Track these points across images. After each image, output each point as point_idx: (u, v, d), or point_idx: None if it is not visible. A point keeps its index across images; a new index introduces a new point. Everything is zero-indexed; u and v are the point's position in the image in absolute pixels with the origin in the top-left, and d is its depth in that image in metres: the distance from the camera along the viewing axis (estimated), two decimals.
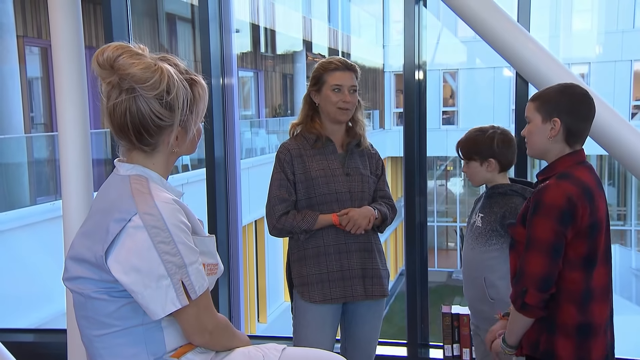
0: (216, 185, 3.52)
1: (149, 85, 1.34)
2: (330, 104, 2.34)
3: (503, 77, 16.15)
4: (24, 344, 3.79)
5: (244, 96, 14.59)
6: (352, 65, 2.39)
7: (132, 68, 1.34)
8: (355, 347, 2.45)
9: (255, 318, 10.45)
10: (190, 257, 1.35)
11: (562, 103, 1.84)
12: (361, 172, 2.40)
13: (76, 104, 2.79)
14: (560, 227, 1.74)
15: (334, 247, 2.33)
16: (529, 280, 1.77)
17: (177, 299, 1.33)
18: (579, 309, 1.80)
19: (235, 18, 3.66)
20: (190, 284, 1.35)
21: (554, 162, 1.87)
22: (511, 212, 2.27)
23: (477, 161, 2.37)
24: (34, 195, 7.51)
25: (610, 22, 16.32)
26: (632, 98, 16.25)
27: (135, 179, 1.40)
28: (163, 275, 1.32)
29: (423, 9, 3.25)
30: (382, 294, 2.40)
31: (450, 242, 19.40)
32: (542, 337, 1.83)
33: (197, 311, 1.38)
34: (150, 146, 1.42)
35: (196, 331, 1.40)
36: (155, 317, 1.34)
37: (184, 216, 1.38)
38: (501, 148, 2.34)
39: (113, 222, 1.33)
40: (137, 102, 1.35)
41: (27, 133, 8.34)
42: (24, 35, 8.40)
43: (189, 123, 1.43)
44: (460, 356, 3.09)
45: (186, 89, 1.40)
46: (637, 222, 17.11)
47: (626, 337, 10.69)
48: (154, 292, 1.32)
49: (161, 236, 1.31)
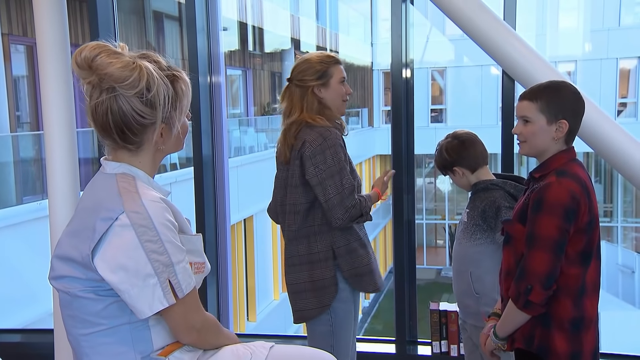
0: (204, 184, 3.51)
1: (128, 84, 1.34)
2: (339, 96, 2.34)
3: (491, 75, 16.25)
4: (11, 344, 3.76)
5: (233, 94, 14.55)
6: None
7: (109, 67, 1.33)
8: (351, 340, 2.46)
9: (245, 316, 10.43)
10: (178, 256, 1.35)
11: (567, 104, 1.85)
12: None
13: (62, 102, 2.77)
14: (564, 224, 1.75)
15: (365, 239, 2.38)
16: (533, 278, 1.77)
17: (164, 297, 1.33)
18: (574, 304, 1.82)
19: (222, 16, 3.65)
20: (177, 282, 1.34)
21: (549, 159, 1.88)
22: (490, 206, 2.30)
23: (449, 173, 2.44)
24: (20, 195, 7.45)
25: (596, 20, 16.46)
26: (618, 96, 16.41)
27: (122, 177, 1.39)
28: (150, 274, 1.31)
29: (410, 7, 3.25)
30: None
31: (439, 239, 19.49)
32: (536, 331, 1.84)
33: (185, 310, 1.38)
34: (135, 144, 1.41)
35: (183, 330, 1.40)
36: (142, 316, 1.34)
37: (170, 215, 1.38)
38: (453, 155, 2.39)
39: (100, 220, 1.32)
40: (118, 102, 1.35)
41: (13, 132, 8.27)
42: (9, 33, 8.31)
43: (172, 119, 1.42)
44: (448, 352, 3.11)
45: (167, 85, 1.39)
46: (623, 218, 17.28)
47: (613, 332, 10.82)
48: (141, 290, 1.31)
49: (148, 235, 1.31)
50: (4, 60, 8.04)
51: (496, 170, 2.60)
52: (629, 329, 10.70)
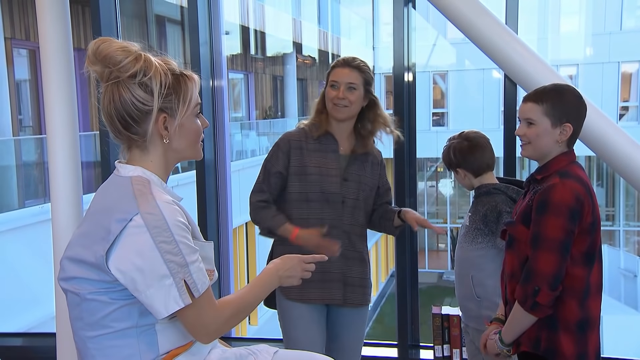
0: (206, 188, 3.51)
1: (124, 66, 1.37)
2: (328, 100, 2.33)
3: (492, 78, 16.23)
4: (13, 348, 3.76)
5: (234, 98, 14.57)
6: (354, 61, 2.32)
7: (109, 49, 1.38)
8: (339, 354, 2.41)
9: (247, 320, 10.43)
10: (192, 256, 1.36)
11: (571, 107, 1.86)
12: (360, 179, 2.36)
13: (65, 106, 2.78)
14: (570, 225, 1.76)
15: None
16: (541, 279, 1.77)
17: (180, 297, 1.34)
18: (580, 305, 1.82)
19: (225, 20, 3.66)
20: (193, 282, 1.35)
21: (551, 162, 1.88)
22: (492, 210, 2.30)
23: (454, 171, 2.42)
24: (23, 198, 7.47)
25: (598, 24, 16.45)
26: (620, 99, 16.39)
27: (137, 180, 1.40)
28: (165, 274, 1.32)
29: (412, 11, 3.26)
30: (362, 302, 2.38)
31: (440, 243, 19.46)
32: (542, 333, 1.84)
33: (200, 310, 1.39)
34: (139, 135, 1.41)
35: (200, 329, 1.41)
36: (159, 316, 1.34)
37: (184, 217, 1.39)
38: (459, 157, 2.37)
39: (114, 221, 1.33)
40: (120, 89, 1.38)
41: (16, 136, 8.29)
42: (11, 37, 8.34)
43: (174, 110, 1.43)
44: (450, 357, 3.10)
45: (166, 74, 1.41)
46: (625, 222, 17.26)
47: (615, 337, 10.78)
48: (157, 291, 1.32)
49: (163, 236, 1.32)
50: (7, 64, 8.06)
51: (498, 174, 2.60)
52: (631, 333, 10.67)
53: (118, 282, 1.34)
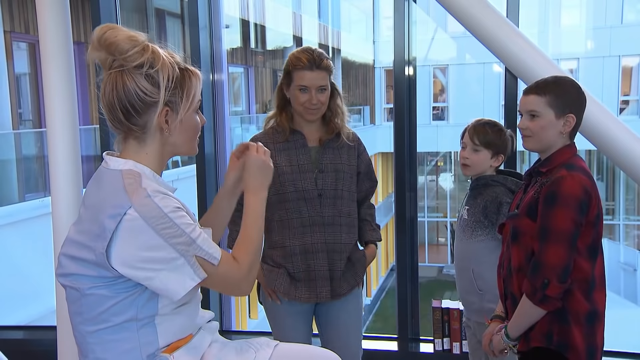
0: (206, 181, 3.51)
1: (131, 56, 1.36)
2: (297, 103, 2.23)
3: (493, 72, 16.20)
4: (14, 341, 3.77)
5: (234, 92, 14.54)
6: (321, 63, 2.20)
7: (116, 38, 1.36)
8: (336, 345, 2.34)
9: (247, 314, 10.45)
10: (195, 232, 1.36)
11: (573, 99, 1.85)
12: (336, 168, 2.28)
13: (65, 100, 2.77)
14: (579, 217, 1.76)
15: (300, 248, 2.25)
16: (550, 272, 1.76)
17: (195, 274, 1.35)
18: (587, 297, 1.82)
19: (225, 13, 3.65)
20: (206, 253, 1.37)
21: (555, 154, 1.87)
22: (492, 202, 2.30)
23: (489, 152, 2.36)
24: (23, 192, 7.46)
25: (599, 17, 16.42)
26: (621, 93, 16.37)
27: (128, 173, 1.38)
28: (175, 257, 1.33)
29: (413, 5, 3.25)
30: (352, 286, 2.33)
31: (440, 237, 19.48)
32: (554, 327, 1.82)
33: (224, 272, 1.40)
34: (139, 127, 1.41)
35: (234, 288, 1.45)
36: (177, 296, 1.35)
37: (176, 201, 1.39)
38: (511, 149, 2.41)
39: (107, 217, 1.31)
40: (124, 77, 1.37)
41: (15, 129, 8.28)
42: (11, 30, 8.32)
43: (177, 104, 1.42)
44: (450, 350, 3.11)
45: (173, 67, 1.40)
46: (625, 216, 17.26)
47: (615, 330, 10.80)
48: (170, 273, 1.33)
49: (162, 223, 1.32)
50: (6, 57, 8.05)
51: None
52: (631, 327, 10.69)
53: (120, 276, 1.33)
